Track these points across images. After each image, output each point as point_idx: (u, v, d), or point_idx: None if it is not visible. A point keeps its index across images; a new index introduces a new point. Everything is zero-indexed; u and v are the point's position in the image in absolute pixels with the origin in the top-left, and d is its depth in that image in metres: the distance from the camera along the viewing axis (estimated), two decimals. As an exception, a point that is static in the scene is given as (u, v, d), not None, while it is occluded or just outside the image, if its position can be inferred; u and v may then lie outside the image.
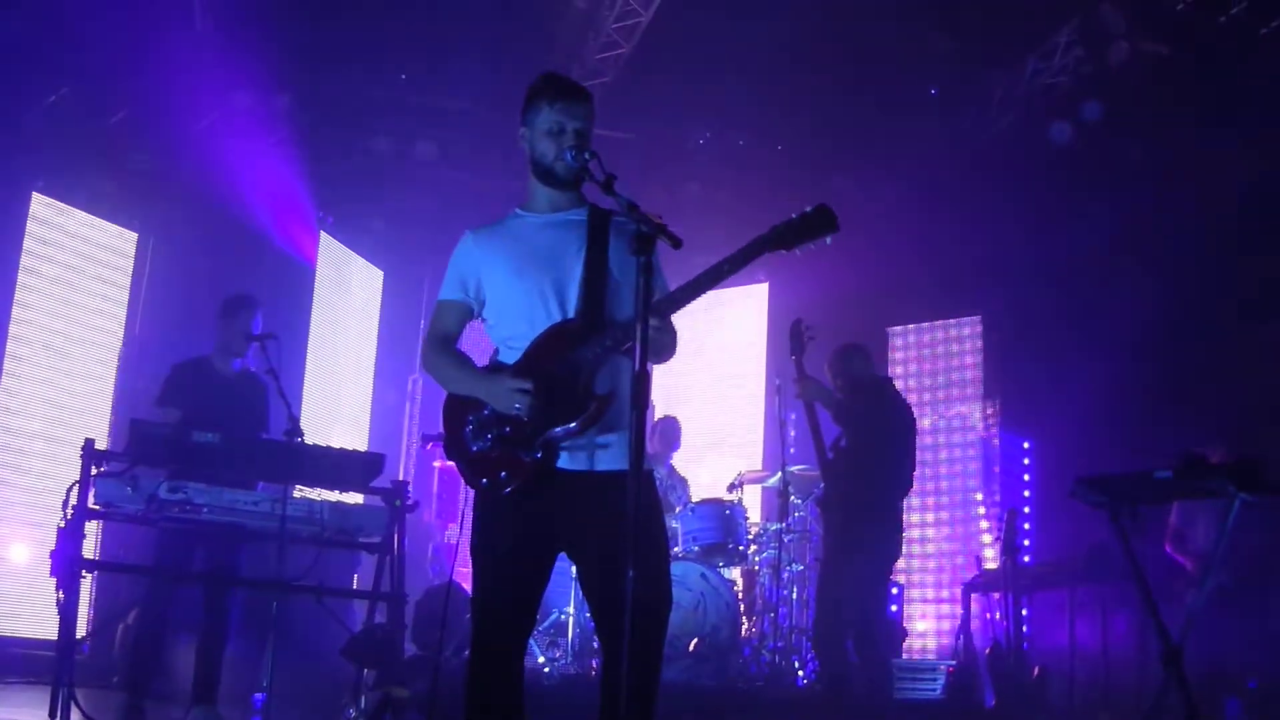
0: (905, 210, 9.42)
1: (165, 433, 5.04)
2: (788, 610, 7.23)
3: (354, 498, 6.39)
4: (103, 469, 4.79)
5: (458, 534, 7.38)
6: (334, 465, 5.25)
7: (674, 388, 10.05)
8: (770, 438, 9.69)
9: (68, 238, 8.24)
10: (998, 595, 6.79)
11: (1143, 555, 4.23)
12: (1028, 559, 8.09)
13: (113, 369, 8.45)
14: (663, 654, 3.08)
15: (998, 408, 9.25)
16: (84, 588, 4.94)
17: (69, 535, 4.61)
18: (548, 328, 3.16)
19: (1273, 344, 7.17)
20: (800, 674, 6.96)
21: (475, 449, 3.15)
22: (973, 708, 6.43)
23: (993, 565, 7.61)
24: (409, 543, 5.32)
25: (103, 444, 6.37)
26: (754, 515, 8.10)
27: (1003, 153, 8.86)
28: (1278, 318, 7.11)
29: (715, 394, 10.56)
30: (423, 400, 10.81)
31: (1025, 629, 6.51)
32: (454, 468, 3.29)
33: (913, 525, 8.75)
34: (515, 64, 7.86)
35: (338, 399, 10.03)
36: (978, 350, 9.46)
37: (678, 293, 3.06)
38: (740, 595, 7.36)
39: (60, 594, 4.58)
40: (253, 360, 5.95)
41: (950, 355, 9.61)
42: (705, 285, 3.03)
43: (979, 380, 9.41)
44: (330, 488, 5.57)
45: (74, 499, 4.65)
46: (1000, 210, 8.66)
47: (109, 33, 7.30)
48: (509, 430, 3.10)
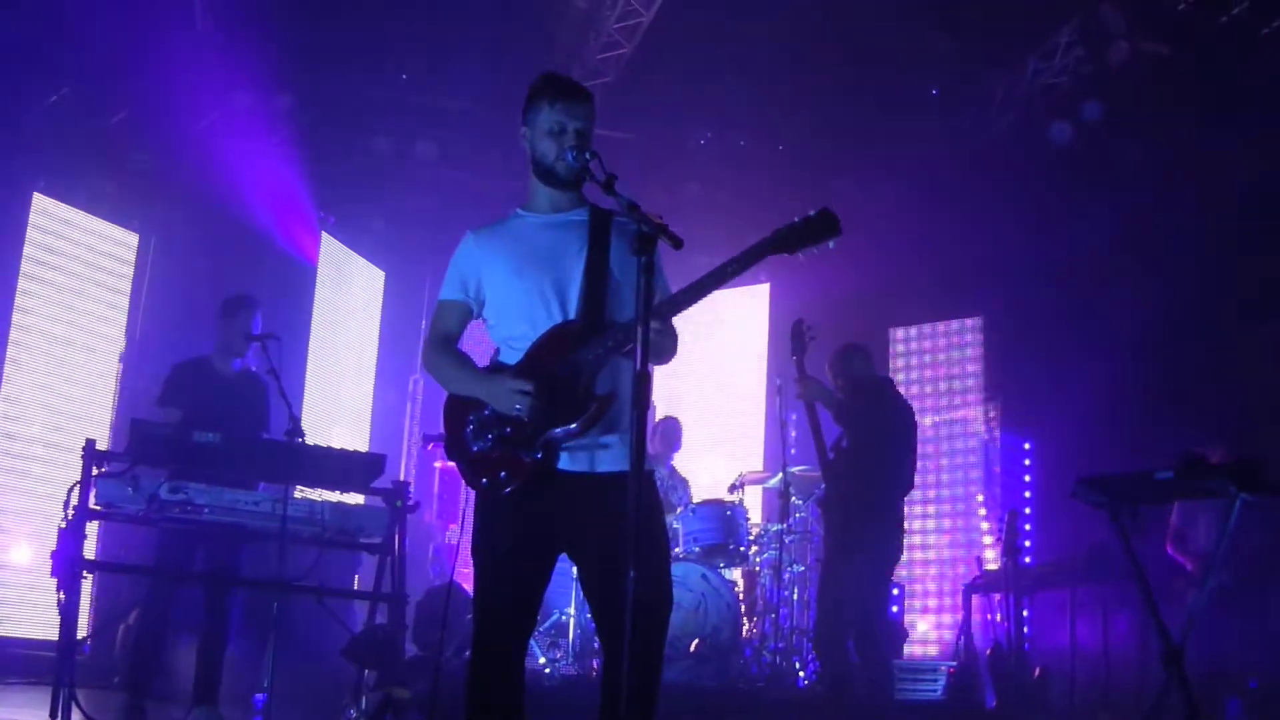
0: (906, 211, 9.41)
1: (166, 433, 5.04)
2: (789, 611, 7.23)
3: (355, 498, 6.39)
4: (103, 469, 4.79)
5: (458, 534, 7.37)
6: (335, 466, 5.25)
7: (675, 388, 10.05)
8: (771, 438, 9.68)
9: (69, 238, 8.23)
10: (998, 596, 6.79)
11: (1143, 555, 4.23)
12: (1028, 559, 8.08)
13: (114, 369, 8.44)
14: (663, 655, 3.08)
15: (998, 408, 9.25)
16: (85, 588, 4.94)
17: (70, 536, 4.61)
18: (549, 328, 3.16)
19: (1273, 344, 7.17)
20: (801, 675, 6.96)
21: (476, 449, 3.15)
22: (973, 708, 6.43)
23: (993, 566, 7.60)
24: (410, 543, 5.32)
25: (104, 444, 6.39)
26: (755, 516, 8.09)
27: (1003, 153, 8.86)
28: (1278, 318, 7.11)
29: (716, 395, 10.55)
30: (424, 401, 10.80)
31: (1026, 629, 6.50)
32: (454, 468, 3.29)
33: (914, 526, 8.75)
34: (516, 64, 7.86)
35: (338, 399, 10.03)
36: (978, 351, 9.46)
37: (679, 295, 3.05)
38: (741, 596, 7.36)
39: (61, 594, 4.58)
40: (254, 360, 5.95)
41: (951, 356, 9.61)
42: (707, 288, 3.02)
43: (980, 381, 9.40)
44: (331, 488, 5.58)
45: (75, 499, 4.65)
46: (1001, 210, 8.66)
47: (109, 33, 7.30)
48: (510, 431, 3.10)
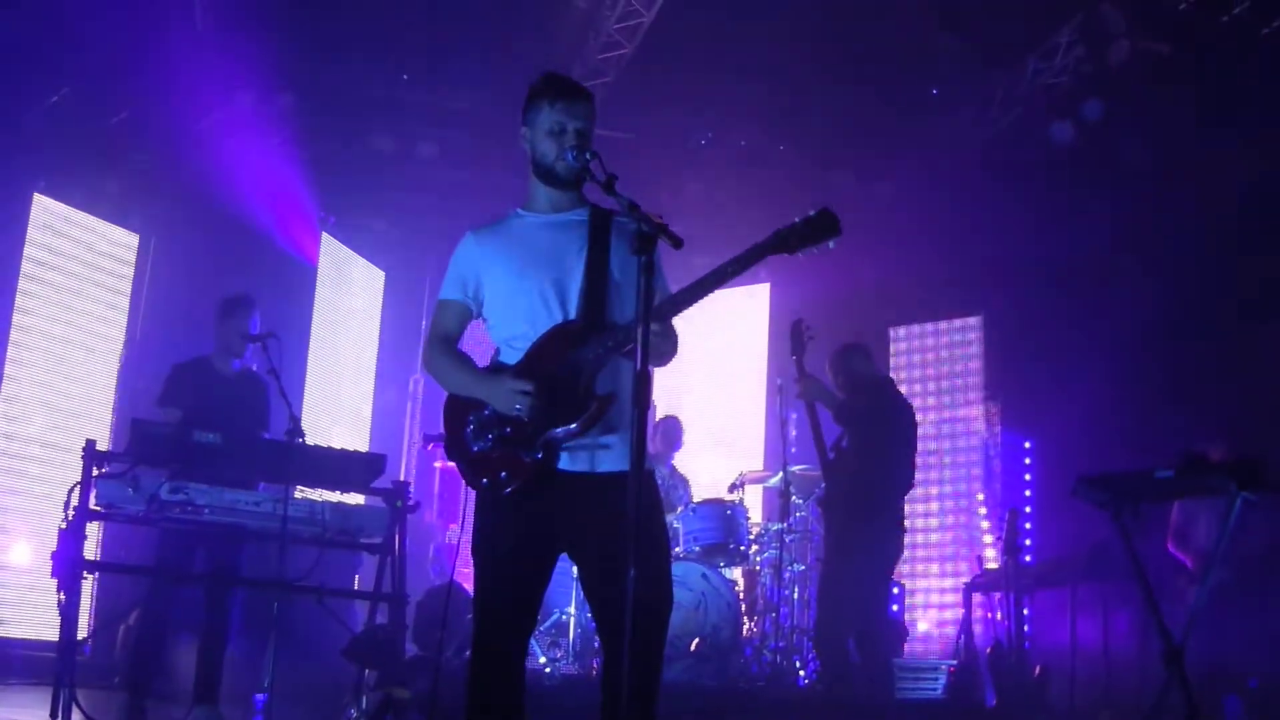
0: (907, 210, 9.41)
1: (166, 433, 5.04)
2: (789, 610, 7.23)
3: (355, 498, 6.39)
4: (104, 470, 4.78)
5: (459, 534, 7.38)
6: (335, 465, 5.25)
7: (675, 388, 10.05)
8: (771, 437, 9.68)
9: (69, 239, 8.24)
10: (999, 594, 6.78)
11: (1144, 554, 4.23)
12: (1029, 558, 8.08)
13: (114, 369, 8.45)
14: (664, 654, 3.08)
15: (999, 407, 9.25)
16: (85, 588, 4.94)
17: (70, 536, 4.60)
18: (549, 328, 3.15)
19: (1273, 343, 7.17)
20: (801, 674, 6.96)
21: (476, 449, 3.14)
22: (974, 707, 6.42)
23: (994, 564, 7.60)
24: (410, 543, 5.31)
25: (104, 445, 6.39)
26: (755, 515, 8.09)
27: (1004, 152, 8.86)
28: (1278, 317, 7.11)
29: (717, 394, 10.55)
30: (424, 400, 10.81)
31: (1026, 628, 6.49)
32: (455, 468, 3.29)
33: (914, 524, 8.74)
34: (516, 64, 7.85)
35: (339, 399, 10.03)
36: (979, 350, 9.45)
37: (679, 295, 3.04)
38: (741, 595, 7.36)
39: (61, 595, 4.58)
40: (254, 360, 5.94)
41: (951, 355, 9.60)
42: (707, 288, 3.01)
43: (980, 380, 9.40)
44: (331, 488, 5.58)
45: (75, 500, 4.65)
46: (1001, 210, 8.65)
47: (110, 33, 7.30)
48: (510, 431, 3.09)
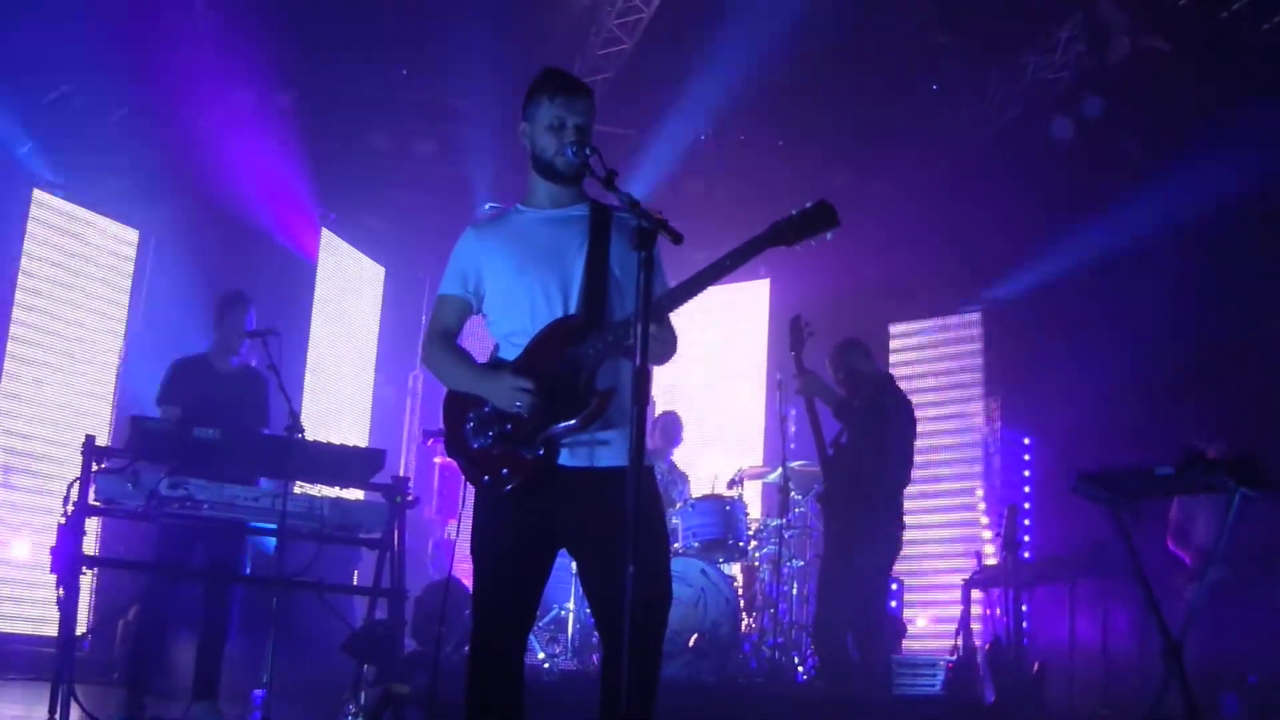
0: (906, 206, 9.41)
1: (166, 429, 5.04)
2: (788, 606, 7.24)
3: (354, 493, 6.39)
4: (103, 465, 4.78)
5: (457, 530, 7.38)
6: (334, 461, 5.25)
7: (675, 383, 10.05)
8: (771, 433, 9.67)
9: (69, 235, 8.24)
10: (998, 591, 6.79)
11: (1143, 551, 4.24)
12: (1028, 554, 8.09)
13: (114, 366, 8.44)
14: (662, 650, 3.08)
15: (998, 404, 9.25)
16: (84, 584, 4.95)
17: (70, 531, 4.60)
18: (548, 324, 3.15)
19: (1272, 341, 7.17)
20: (800, 669, 6.97)
21: (476, 446, 3.14)
22: (972, 703, 6.43)
23: (993, 561, 7.60)
24: (409, 539, 5.31)
25: (104, 440, 6.39)
26: (754, 511, 8.09)
27: (1003, 149, 8.86)
28: (1277, 315, 7.11)
29: (716, 390, 10.55)
30: (423, 396, 10.80)
31: (1025, 624, 6.50)
32: (454, 464, 3.29)
33: (913, 521, 8.73)
34: (516, 60, 7.85)
35: (338, 395, 10.03)
36: (978, 346, 9.45)
37: (677, 289, 3.04)
38: (740, 591, 7.36)
39: (61, 590, 4.57)
40: (254, 356, 5.95)
41: (951, 352, 9.60)
42: (705, 281, 3.00)
43: (979, 376, 9.40)
44: (331, 483, 5.57)
45: (75, 495, 4.65)
46: (1001, 206, 8.66)
47: (110, 30, 7.30)
48: (510, 428, 3.09)
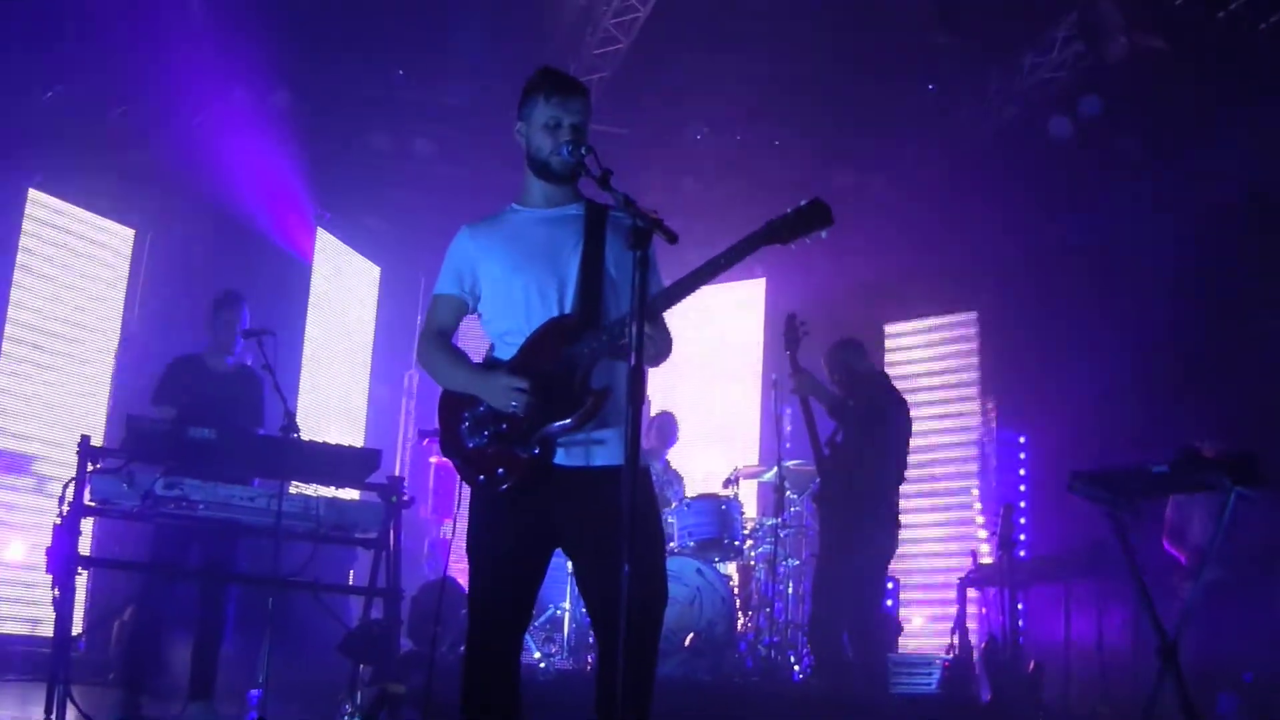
0: (903, 205, 9.40)
1: (161, 429, 5.03)
2: (783, 605, 7.24)
3: (350, 493, 6.39)
4: (99, 465, 4.78)
5: (453, 529, 7.37)
6: (330, 461, 5.25)
7: (670, 383, 10.05)
8: (766, 433, 9.69)
9: (64, 234, 8.23)
10: (994, 590, 6.80)
11: (1139, 550, 4.24)
12: (1023, 553, 8.10)
13: (109, 365, 8.44)
14: (658, 649, 3.08)
15: (994, 403, 9.25)
16: (80, 584, 4.93)
17: (65, 532, 4.59)
18: (544, 323, 3.15)
19: (1269, 340, 7.18)
20: (796, 669, 6.97)
21: (472, 446, 3.14)
22: (968, 702, 6.43)
23: (988, 560, 7.61)
24: (405, 538, 5.31)
25: (99, 440, 6.38)
26: (750, 510, 8.09)
27: (1001, 148, 8.85)
28: (1274, 315, 7.12)
29: (712, 389, 10.55)
30: (419, 396, 10.80)
31: (1021, 623, 6.51)
32: (450, 463, 3.28)
33: (909, 520, 8.74)
34: (512, 60, 7.84)
35: (334, 394, 10.03)
36: (974, 346, 9.45)
37: (672, 288, 3.04)
38: (736, 590, 7.36)
39: (56, 591, 4.57)
40: (249, 355, 5.95)
41: (947, 351, 9.60)
42: (700, 280, 3.00)
43: (975, 376, 9.40)
44: (326, 483, 5.57)
45: (70, 495, 4.64)
46: (998, 205, 8.65)
47: (106, 28, 7.29)
48: (505, 427, 3.09)
